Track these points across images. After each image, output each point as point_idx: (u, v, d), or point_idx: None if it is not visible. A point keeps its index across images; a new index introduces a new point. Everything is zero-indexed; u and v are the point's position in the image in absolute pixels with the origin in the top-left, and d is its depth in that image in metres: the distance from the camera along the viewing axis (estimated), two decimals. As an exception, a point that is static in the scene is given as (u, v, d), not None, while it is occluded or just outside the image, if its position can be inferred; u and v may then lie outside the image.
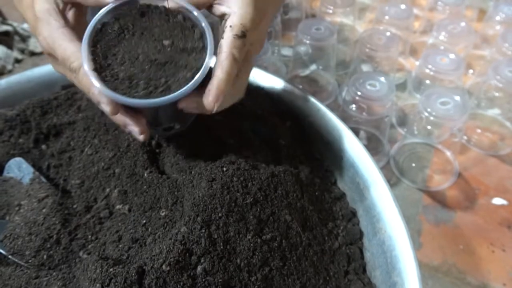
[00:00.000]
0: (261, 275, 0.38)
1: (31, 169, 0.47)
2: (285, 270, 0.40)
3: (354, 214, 0.48)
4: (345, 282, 0.43)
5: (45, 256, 0.39)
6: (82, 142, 0.49)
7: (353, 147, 0.51)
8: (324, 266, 0.43)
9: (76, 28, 0.40)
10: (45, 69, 0.61)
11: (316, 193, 0.47)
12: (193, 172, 0.43)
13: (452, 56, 0.78)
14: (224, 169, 0.41)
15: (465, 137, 0.79)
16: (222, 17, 0.39)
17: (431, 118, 0.68)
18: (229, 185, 0.40)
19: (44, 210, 0.42)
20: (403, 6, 0.94)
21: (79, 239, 0.40)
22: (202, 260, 0.36)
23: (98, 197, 0.45)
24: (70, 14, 0.41)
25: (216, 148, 0.46)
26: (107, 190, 0.45)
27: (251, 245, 0.38)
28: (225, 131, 0.50)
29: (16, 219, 0.42)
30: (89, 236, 0.41)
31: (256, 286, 0.37)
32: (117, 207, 0.43)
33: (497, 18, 0.94)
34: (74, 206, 0.44)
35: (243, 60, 0.39)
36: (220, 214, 0.38)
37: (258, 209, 0.40)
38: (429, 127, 0.74)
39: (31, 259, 0.39)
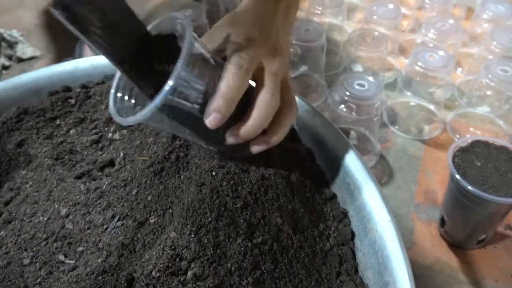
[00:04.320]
0: (252, 279, 0.38)
1: None
2: (276, 273, 0.39)
3: (345, 214, 0.48)
4: (337, 283, 0.43)
5: (32, 268, 0.39)
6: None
7: (343, 147, 0.51)
8: (316, 268, 0.42)
9: None
10: (31, 76, 0.60)
11: (307, 195, 0.47)
12: (182, 177, 0.43)
13: (441, 53, 0.79)
14: (214, 173, 0.41)
15: (457, 136, 0.79)
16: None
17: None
18: (218, 189, 0.40)
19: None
20: (391, 6, 0.95)
21: (67, 247, 0.40)
22: (192, 265, 0.36)
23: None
24: None
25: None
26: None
27: (242, 249, 0.38)
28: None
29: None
30: (78, 244, 0.40)
31: (247, 290, 0.37)
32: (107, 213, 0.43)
33: (485, 16, 0.95)
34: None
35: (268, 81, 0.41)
36: (209, 219, 0.38)
37: (249, 213, 0.40)
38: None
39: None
